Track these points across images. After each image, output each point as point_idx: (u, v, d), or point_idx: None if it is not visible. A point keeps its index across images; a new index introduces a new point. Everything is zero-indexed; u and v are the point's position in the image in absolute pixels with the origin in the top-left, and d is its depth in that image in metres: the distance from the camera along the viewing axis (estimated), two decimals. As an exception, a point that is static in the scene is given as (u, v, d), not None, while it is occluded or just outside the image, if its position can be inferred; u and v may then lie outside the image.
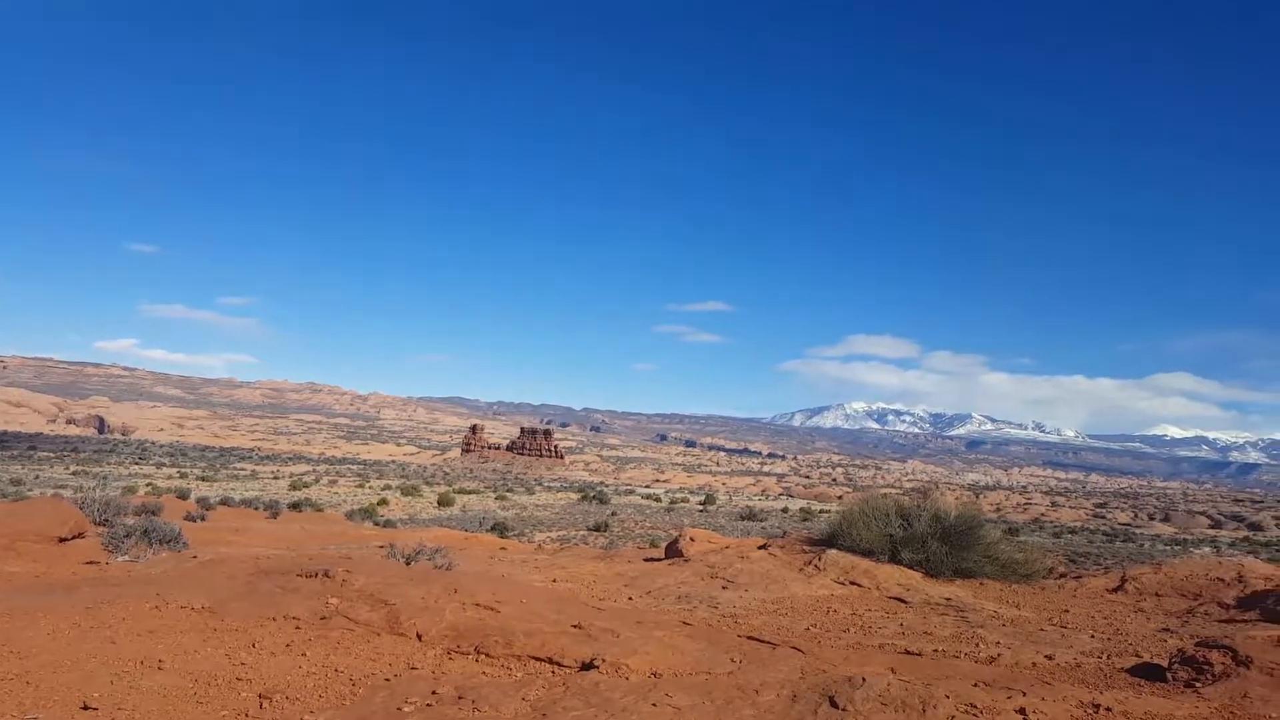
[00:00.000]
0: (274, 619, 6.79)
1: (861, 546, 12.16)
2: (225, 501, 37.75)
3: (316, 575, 7.90)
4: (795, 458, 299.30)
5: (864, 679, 5.34)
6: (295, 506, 40.55)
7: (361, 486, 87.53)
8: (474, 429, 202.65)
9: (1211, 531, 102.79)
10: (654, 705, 5.09)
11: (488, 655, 6.24)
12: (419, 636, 6.55)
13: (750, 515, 71.67)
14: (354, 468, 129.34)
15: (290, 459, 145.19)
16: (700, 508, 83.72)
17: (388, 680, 5.67)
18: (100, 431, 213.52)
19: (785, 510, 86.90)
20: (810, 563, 11.78)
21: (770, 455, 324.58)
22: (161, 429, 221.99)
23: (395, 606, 6.99)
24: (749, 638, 7.43)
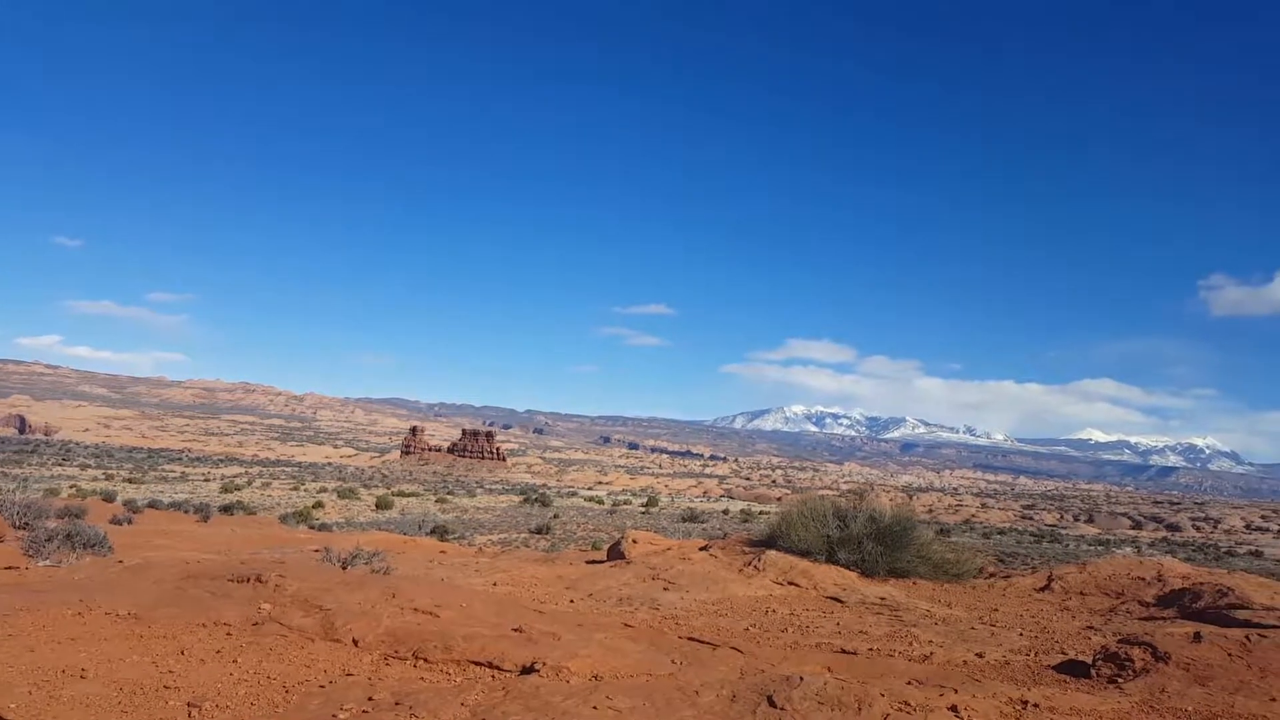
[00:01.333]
0: (204, 625, 6.61)
1: (800, 547, 12.34)
2: (153, 504, 36.56)
3: (249, 580, 7.72)
4: (736, 460, 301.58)
5: (801, 678, 5.42)
6: (227, 510, 39.51)
7: (296, 489, 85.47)
8: (414, 430, 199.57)
9: (1133, 532, 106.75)
10: (595, 708, 5.09)
11: (426, 660, 6.17)
12: (355, 642, 6.44)
13: (692, 517, 72.05)
14: (289, 470, 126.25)
15: (222, 461, 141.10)
16: (643, 510, 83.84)
17: (322, 687, 5.56)
18: (21, 432, 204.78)
19: (726, 512, 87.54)
20: (750, 564, 11.91)
21: (712, 457, 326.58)
22: (87, 429, 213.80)
23: (331, 612, 6.87)
24: (690, 639, 7.49)
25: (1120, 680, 6.28)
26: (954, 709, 5.27)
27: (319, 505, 63.60)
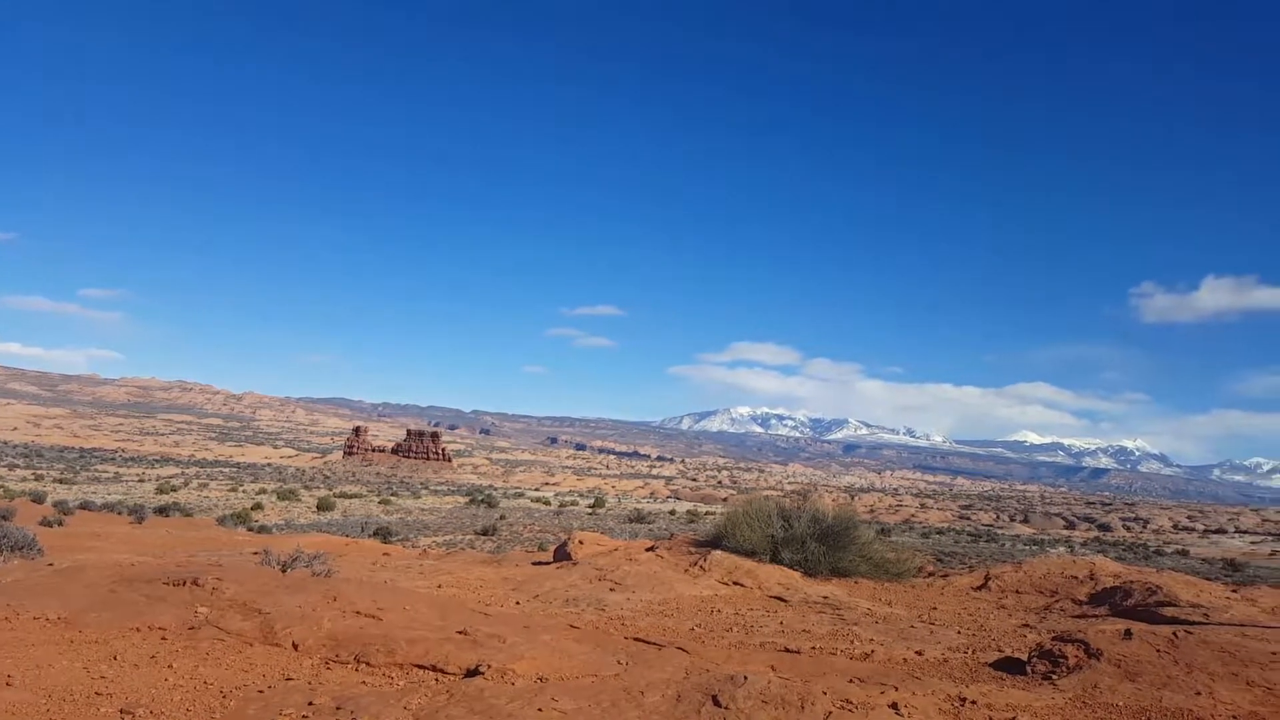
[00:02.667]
0: (137, 630, 6.42)
1: (745, 547, 12.46)
2: (85, 506, 35.31)
3: (184, 583, 7.52)
4: (683, 460, 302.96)
5: (746, 677, 5.48)
6: (162, 511, 38.39)
7: (235, 490, 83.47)
8: (357, 431, 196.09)
9: (1066, 532, 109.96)
10: (539, 710, 5.08)
11: (369, 664, 6.09)
12: (295, 646, 6.32)
13: (639, 518, 72.18)
14: (227, 471, 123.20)
15: (157, 461, 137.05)
16: (590, 510, 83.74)
17: (261, 692, 5.45)
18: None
19: (673, 512, 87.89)
20: (696, 564, 11.98)
21: (659, 458, 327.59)
22: (15, 428, 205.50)
23: (270, 615, 6.73)
24: (636, 639, 7.51)
25: (1054, 677, 6.47)
26: (894, 706, 5.37)
27: (258, 507, 62.21)
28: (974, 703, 5.64)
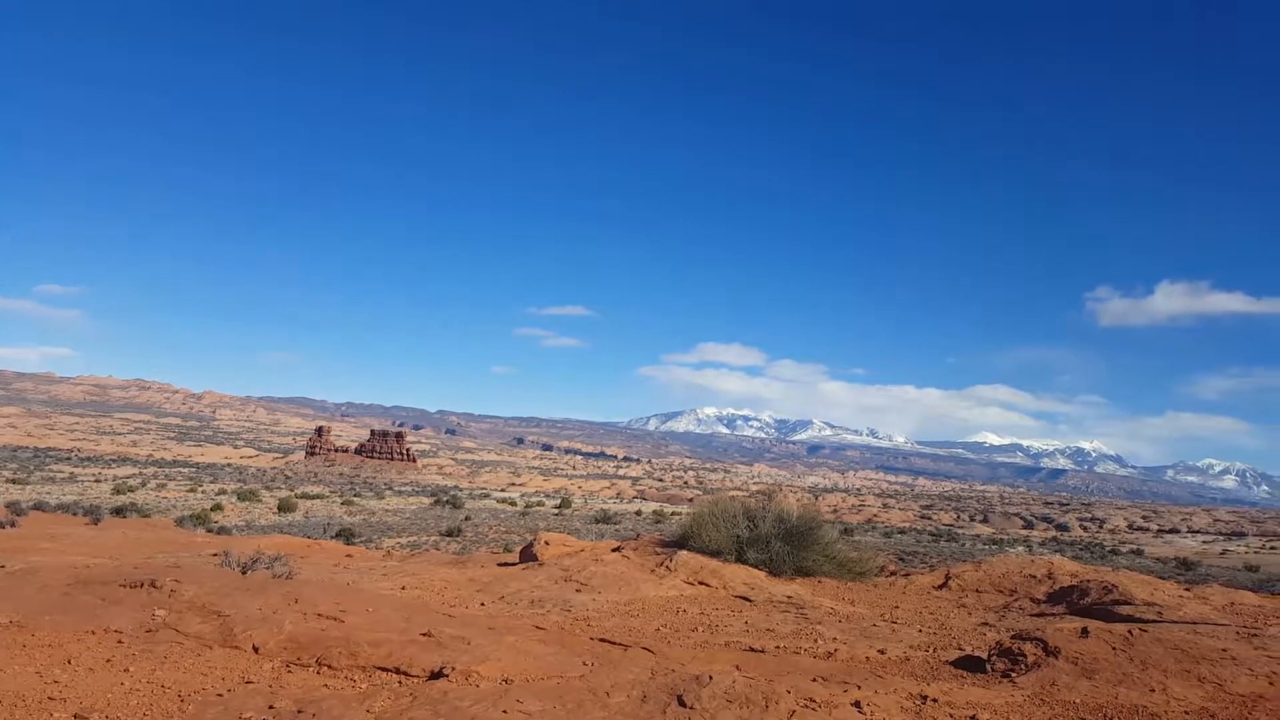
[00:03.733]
0: (93, 633, 6.28)
1: (711, 548, 12.52)
2: (40, 506, 34.43)
3: (142, 585, 7.38)
4: (650, 461, 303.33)
5: (711, 677, 5.50)
6: (119, 512, 37.67)
7: (194, 491, 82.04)
8: (319, 431, 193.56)
9: (1025, 532, 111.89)
10: (504, 712, 5.06)
11: (331, 667, 6.02)
12: (256, 649, 6.23)
13: (605, 518, 72.16)
14: (186, 471, 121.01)
15: (114, 461, 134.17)
16: (556, 511, 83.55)
17: (220, 696, 5.36)
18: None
19: (639, 513, 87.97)
20: (662, 564, 12.01)
21: (626, 459, 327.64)
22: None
23: (229, 618, 6.62)
24: (601, 640, 7.50)
25: (1013, 675, 6.58)
26: (857, 705, 5.43)
27: (218, 508, 61.21)
28: (935, 700, 5.72)
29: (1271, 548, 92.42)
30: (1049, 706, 5.81)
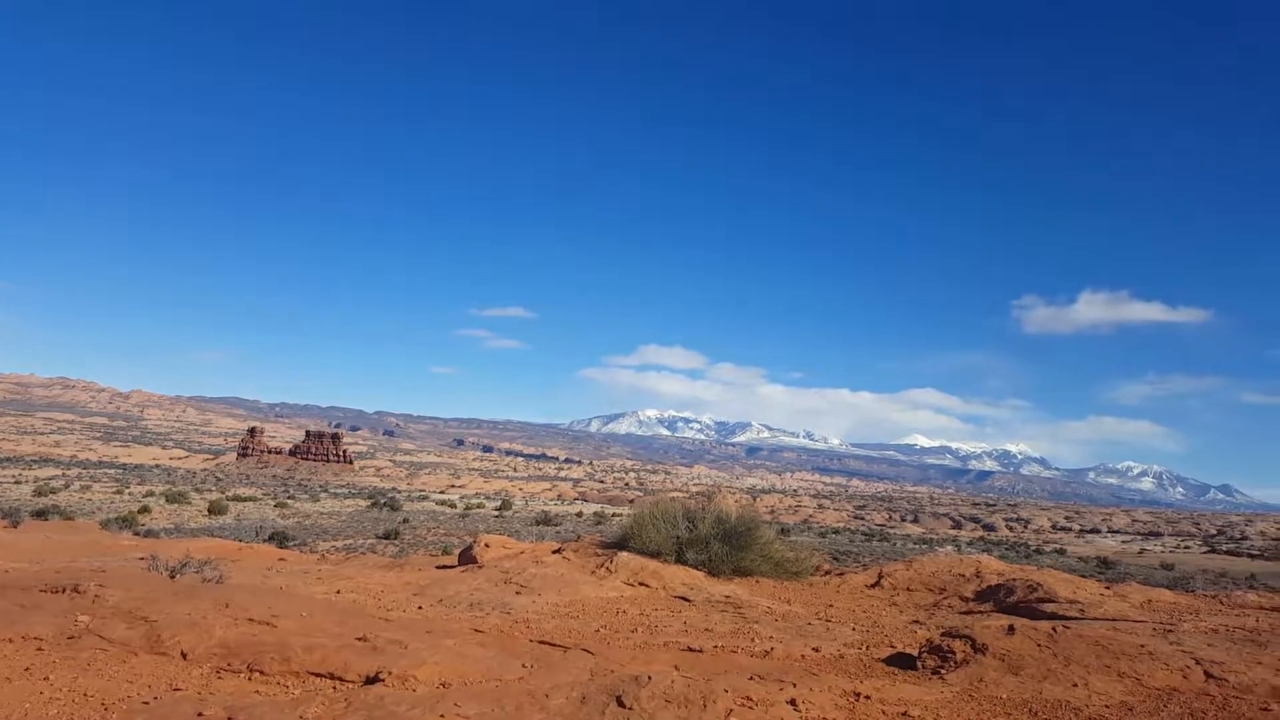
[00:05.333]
0: (11, 640, 6.03)
1: (651, 548, 12.57)
2: (-49, 510, 32.86)
3: (64, 590, 7.11)
4: (591, 463, 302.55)
5: (649, 678, 5.54)
6: (40, 514, 36.18)
7: (120, 493, 79.03)
8: (252, 431, 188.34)
9: (953, 532, 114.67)
10: (441, 716, 5.02)
11: (262, 673, 5.88)
12: (184, 655, 6.06)
13: (546, 520, 71.76)
14: (112, 472, 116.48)
15: (36, 462, 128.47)
16: (496, 513, 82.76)
17: (146, 704, 5.20)
18: None
19: (580, 514, 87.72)
20: (603, 565, 12.01)
21: (567, 460, 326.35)
22: None
23: (157, 623, 6.43)
24: (541, 642, 7.48)
25: (943, 671, 6.77)
26: (792, 702, 5.53)
27: (145, 510, 59.12)
28: (868, 698, 5.86)
29: (1185, 547, 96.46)
30: (977, 702, 6.00)
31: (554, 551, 13.54)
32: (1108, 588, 12.43)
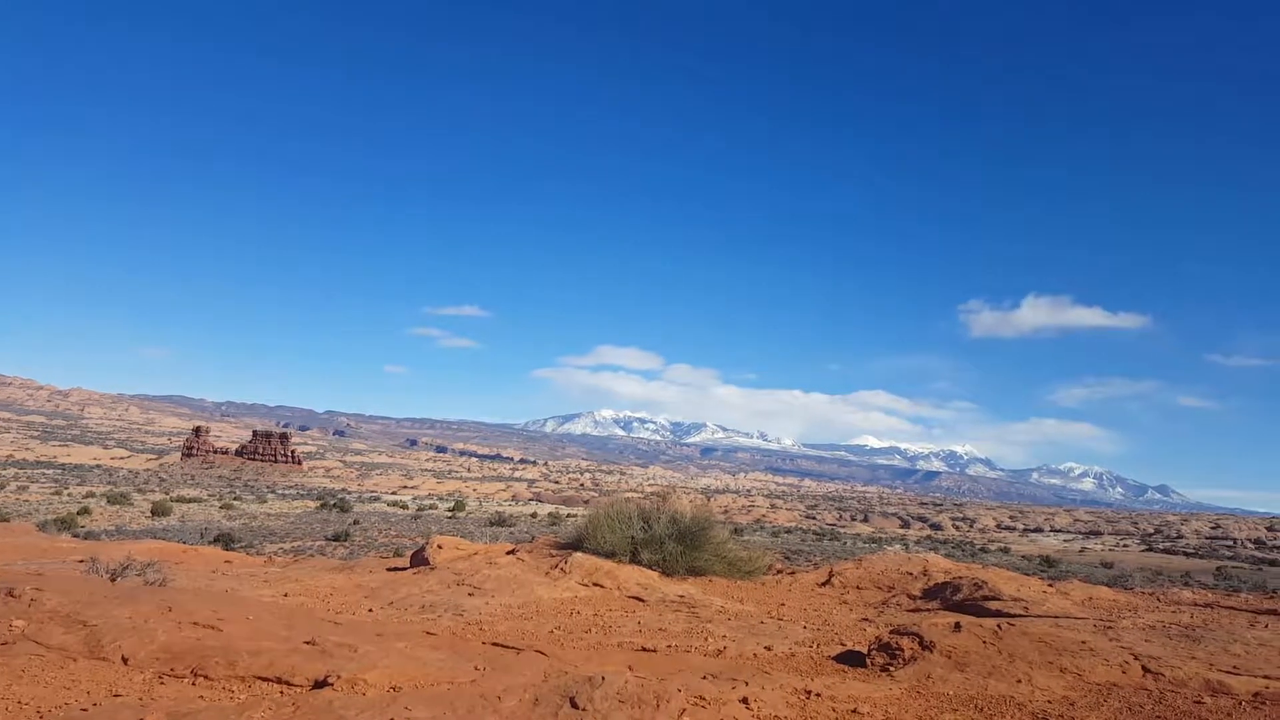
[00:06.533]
0: (-62, 649, 5.83)
1: (606, 549, 12.57)
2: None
3: (-3, 596, 6.88)
4: (546, 463, 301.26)
5: (603, 678, 5.54)
6: (-31, 517, 34.95)
7: (59, 494, 76.65)
8: (197, 431, 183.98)
9: (902, 531, 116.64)
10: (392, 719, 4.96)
11: (207, 678, 5.76)
12: (125, 660, 5.90)
13: (500, 521, 71.30)
14: (50, 472, 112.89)
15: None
16: (449, 514, 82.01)
17: (85, 710, 5.05)
18: None
19: (535, 515, 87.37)
20: (557, 566, 11.98)
21: (522, 461, 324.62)
22: None
23: (97, 628, 6.25)
24: (494, 644, 7.43)
25: (892, 668, 6.88)
26: (745, 701, 5.58)
27: (85, 511, 57.43)
28: (819, 695, 5.93)
29: (1124, 546, 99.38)
30: (924, 699, 6.11)
31: (508, 553, 13.47)
32: (1050, 585, 12.75)
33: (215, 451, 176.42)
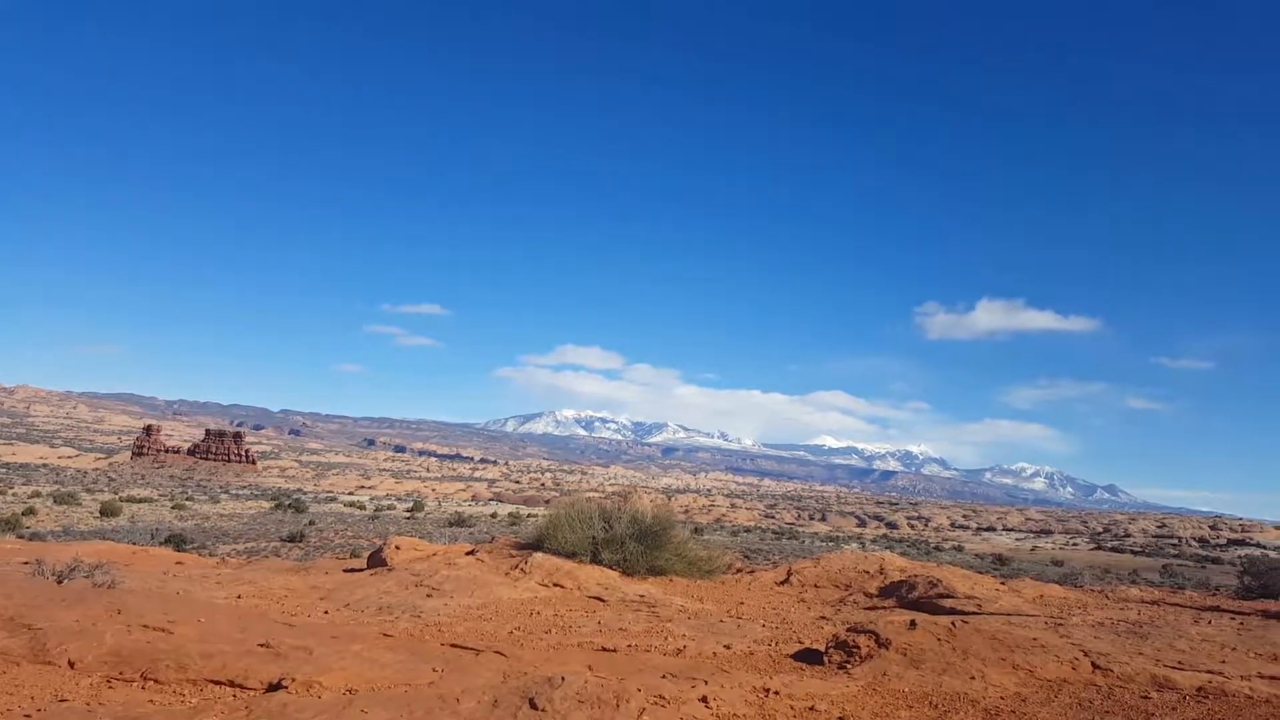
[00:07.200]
0: (-128, 655, 5.63)
1: (566, 549, 12.54)
2: None
3: (-65, 600, 6.67)
4: (507, 463, 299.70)
5: (563, 678, 5.53)
6: (-94, 518, 33.85)
7: (3, 493, 74.37)
8: (149, 430, 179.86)
9: (859, 529, 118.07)
10: (349, 721, 4.90)
11: (157, 681, 5.64)
12: (72, 664, 5.76)
13: (459, 521, 70.76)
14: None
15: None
16: (408, 515, 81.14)
17: (28, 716, 4.92)
18: None
19: (495, 515, 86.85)
20: (517, 566, 11.93)
21: (482, 460, 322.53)
22: None
23: (42, 631, 6.09)
24: (453, 645, 7.38)
25: (849, 666, 6.97)
26: (704, 700, 5.60)
27: (31, 512, 55.79)
28: (777, 693, 5.98)
29: (1074, 544, 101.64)
30: (880, 695, 6.19)
31: (467, 553, 13.37)
32: (1003, 583, 13.00)
33: (167, 451, 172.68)
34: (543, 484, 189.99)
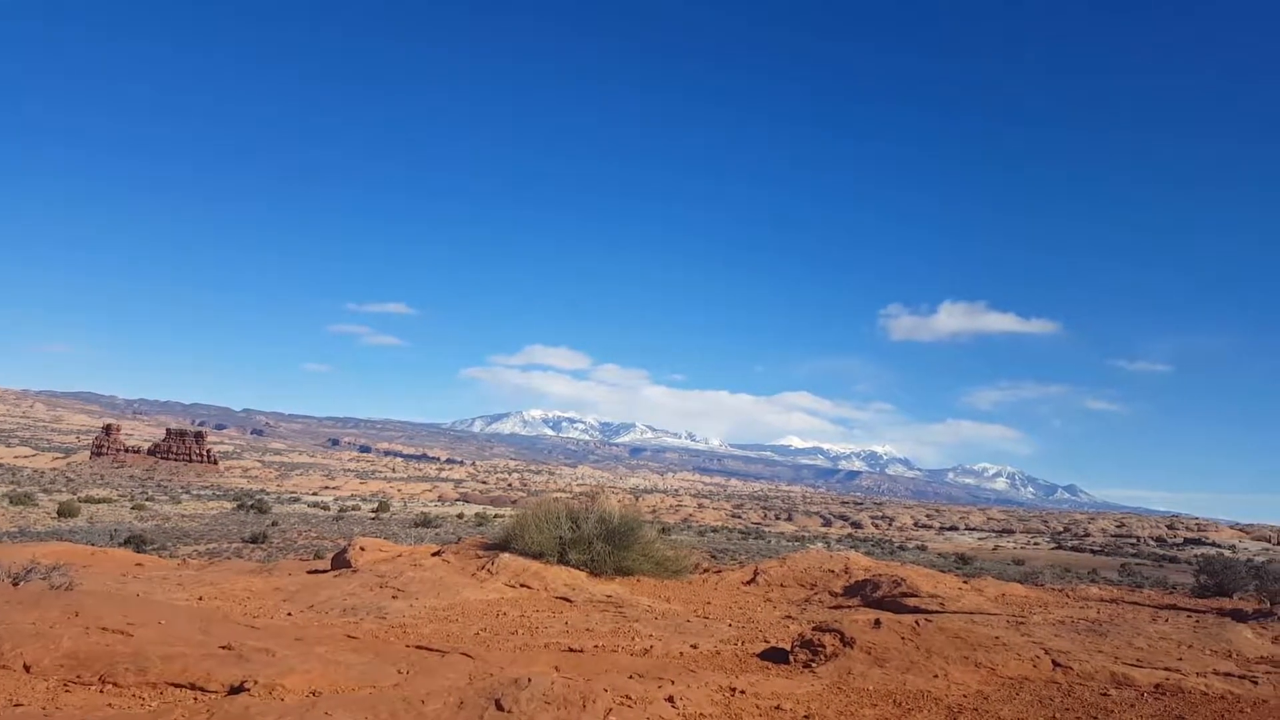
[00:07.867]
0: None
1: (534, 550, 12.51)
2: None
3: (-117, 604, 6.50)
4: (474, 464, 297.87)
5: (529, 679, 5.52)
6: None
7: (-48, 495, 72.63)
8: (108, 429, 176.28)
9: (824, 529, 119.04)
10: (312, 724, 4.86)
11: (116, 685, 5.55)
12: (27, 668, 5.64)
13: (425, 522, 70.25)
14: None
15: None
16: (373, 515, 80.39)
17: (-19, 723, 4.82)
18: None
19: (461, 516, 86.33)
20: (484, 567, 11.88)
21: (449, 461, 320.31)
22: None
23: (-5, 636, 5.96)
24: (418, 647, 7.34)
25: (814, 665, 7.04)
26: (671, 699, 5.63)
27: (-18, 513, 54.56)
28: (743, 692, 6.03)
29: (1035, 544, 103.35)
30: (845, 694, 6.26)
31: (433, 554, 13.29)
32: (965, 582, 13.20)
33: (126, 450, 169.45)
34: (510, 484, 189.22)
